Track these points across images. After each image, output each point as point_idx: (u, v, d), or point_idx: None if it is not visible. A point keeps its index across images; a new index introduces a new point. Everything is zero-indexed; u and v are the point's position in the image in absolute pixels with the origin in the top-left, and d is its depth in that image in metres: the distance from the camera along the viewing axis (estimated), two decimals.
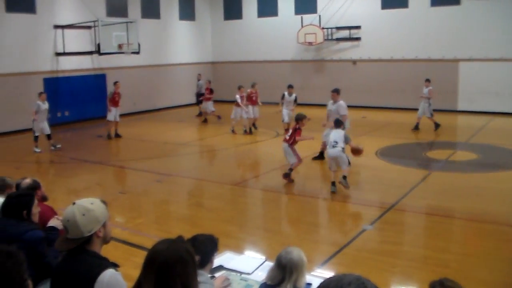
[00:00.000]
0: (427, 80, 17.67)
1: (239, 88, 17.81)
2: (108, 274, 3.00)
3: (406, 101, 22.20)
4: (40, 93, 15.54)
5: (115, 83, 17.62)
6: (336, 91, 12.56)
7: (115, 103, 17.30)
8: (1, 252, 1.98)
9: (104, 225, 3.20)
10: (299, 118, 10.98)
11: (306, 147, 12.74)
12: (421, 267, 6.68)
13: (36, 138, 15.12)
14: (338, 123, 10.80)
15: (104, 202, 3.28)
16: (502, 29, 19.98)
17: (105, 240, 3.26)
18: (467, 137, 16.22)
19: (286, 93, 16.69)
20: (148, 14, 24.39)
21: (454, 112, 21.37)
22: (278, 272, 3.80)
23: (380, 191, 10.48)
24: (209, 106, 20.45)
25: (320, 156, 13.01)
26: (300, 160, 11.03)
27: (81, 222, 3.08)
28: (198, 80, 23.56)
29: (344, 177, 10.10)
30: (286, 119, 16.53)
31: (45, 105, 15.33)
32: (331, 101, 12.62)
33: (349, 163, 10.57)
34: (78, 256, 3.11)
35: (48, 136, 15.44)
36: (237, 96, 17.52)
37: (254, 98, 17.92)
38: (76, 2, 20.73)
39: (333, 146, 10.31)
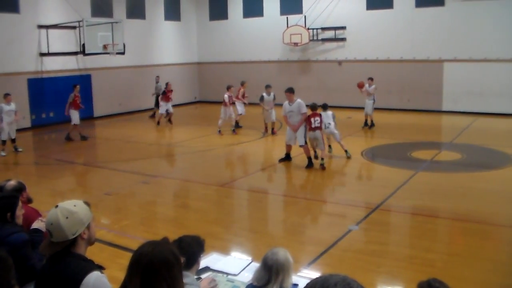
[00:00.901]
0: (370, 79, 18.18)
1: (228, 88, 17.77)
2: (94, 276, 2.97)
3: (392, 101, 22.37)
4: (5, 95, 14.82)
5: (75, 85, 17.25)
6: (290, 91, 12.60)
7: (77, 106, 17.03)
8: None
9: (88, 227, 3.17)
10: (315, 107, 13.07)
11: (276, 149, 12.78)
12: (406, 267, 6.72)
13: (3, 142, 14.69)
14: (325, 107, 13.59)
15: (87, 203, 3.25)
16: (486, 30, 20.19)
17: (90, 242, 3.23)
18: (451, 137, 16.36)
19: (264, 94, 16.84)
20: (133, 14, 24.29)
21: (439, 112, 21.55)
22: (264, 273, 3.80)
23: (366, 192, 10.55)
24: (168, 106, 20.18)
25: (287, 158, 13.12)
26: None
27: (65, 225, 3.04)
28: (157, 82, 22.76)
29: (322, 159, 12.28)
30: (274, 118, 16.77)
31: (10, 107, 14.72)
32: (287, 102, 12.62)
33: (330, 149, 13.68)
34: (63, 259, 3.08)
35: (13, 140, 15.02)
36: (226, 96, 17.43)
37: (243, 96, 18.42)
38: (60, 2, 20.56)
39: (327, 127, 12.87)
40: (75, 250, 3.12)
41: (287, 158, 13.10)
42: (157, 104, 21.88)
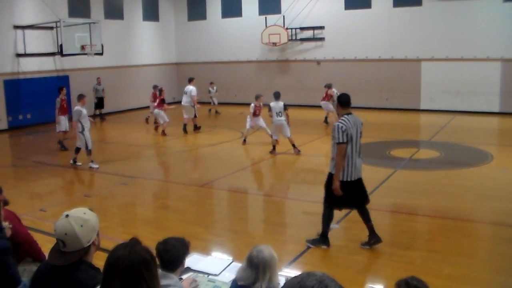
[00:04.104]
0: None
1: (257, 97, 15.38)
2: None
3: (370, 100, 22.54)
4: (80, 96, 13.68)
5: (62, 88, 15.98)
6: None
7: (65, 111, 15.76)
8: None
9: (97, 233, 3.22)
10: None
11: (256, 149, 12.80)
12: (386, 264, 6.79)
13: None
14: (277, 96, 13.96)
15: (91, 210, 3.28)
16: (461, 29, 20.47)
17: (98, 247, 3.27)
18: (429, 135, 16.54)
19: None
20: (111, 14, 24.10)
21: (417, 111, 21.78)
22: (251, 272, 3.78)
23: None
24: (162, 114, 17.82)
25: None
26: None
27: (81, 234, 3.08)
28: (98, 83, 21.90)
29: (294, 145, 13.63)
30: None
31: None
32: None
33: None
34: (77, 267, 3.10)
35: None
36: (252, 105, 15.20)
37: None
38: (37, 2, 20.31)
39: (278, 117, 13.59)
40: (86, 258, 3.16)
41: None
42: (98, 106, 22.00)
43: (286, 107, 13.87)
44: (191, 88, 17.95)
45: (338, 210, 7.37)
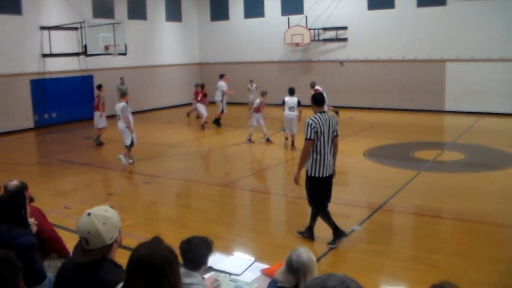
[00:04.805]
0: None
1: (264, 94, 15.97)
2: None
3: (393, 101, 22.37)
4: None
5: (101, 86, 16.67)
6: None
7: (104, 108, 16.35)
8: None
9: (119, 231, 3.26)
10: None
11: (278, 149, 12.73)
12: (409, 267, 6.70)
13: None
14: (293, 91, 14.48)
15: (112, 207, 3.32)
16: (488, 29, 20.16)
17: (120, 245, 3.31)
18: (454, 137, 16.33)
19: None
20: (135, 15, 24.30)
21: (441, 112, 21.53)
22: (292, 277, 3.78)
23: (368, 192, 10.52)
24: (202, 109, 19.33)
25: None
26: None
27: (103, 231, 3.12)
28: (122, 83, 21.53)
29: (293, 143, 14.36)
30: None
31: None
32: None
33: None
34: (99, 264, 3.14)
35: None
36: (258, 101, 15.83)
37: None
38: (62, 4, 20.59)
39: (291, 110, 14.13)
40: (109, 255, 3.20)
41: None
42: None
43: (300, 103, 14.31)
44: (221, 83, 19.23)
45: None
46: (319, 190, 7.33)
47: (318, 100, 7.40)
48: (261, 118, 15.62)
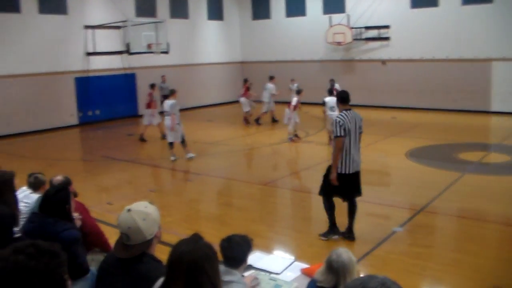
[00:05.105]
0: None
1: (299, 92, 16.36)
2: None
3: (437, 101, 21.95)
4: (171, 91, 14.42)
5: (154, 85, 17.32)
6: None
7: (156, 105, 16.96)
8: (45, 252, 1.95)
9: (159, 226, 3.30)
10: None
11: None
12: (452, 271, 6.53)
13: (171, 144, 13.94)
14: (331, 92, 14.58)
15: (152, 203, 3.35)
16: None
17: (160, 240, 3.36)
18: (500, 138, 15.90)
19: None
20: (177, 14, 24.56)
21: (487, 113, 20.97)
22: (331, 277, 3.77)
23: (411, 193, 10.34)
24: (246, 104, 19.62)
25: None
26: None
27: (144, 227, 3.16)
28: (163, 82, 21.10)
29: (331, 138, 13.71)
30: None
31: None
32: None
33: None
34: (140, 259, 3.19)
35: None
36: (295, 99, 16.03)
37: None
38: (106, 3, 21.00)
39: (332, 110, 13.92)
40: (149, 250, 3.24)
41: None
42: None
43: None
44: (270, 86, 19.39)
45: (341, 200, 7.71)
46: (336, 186, 7.39)
47: (344, 98, 7.54)
48: (297, 117, 15.80)
